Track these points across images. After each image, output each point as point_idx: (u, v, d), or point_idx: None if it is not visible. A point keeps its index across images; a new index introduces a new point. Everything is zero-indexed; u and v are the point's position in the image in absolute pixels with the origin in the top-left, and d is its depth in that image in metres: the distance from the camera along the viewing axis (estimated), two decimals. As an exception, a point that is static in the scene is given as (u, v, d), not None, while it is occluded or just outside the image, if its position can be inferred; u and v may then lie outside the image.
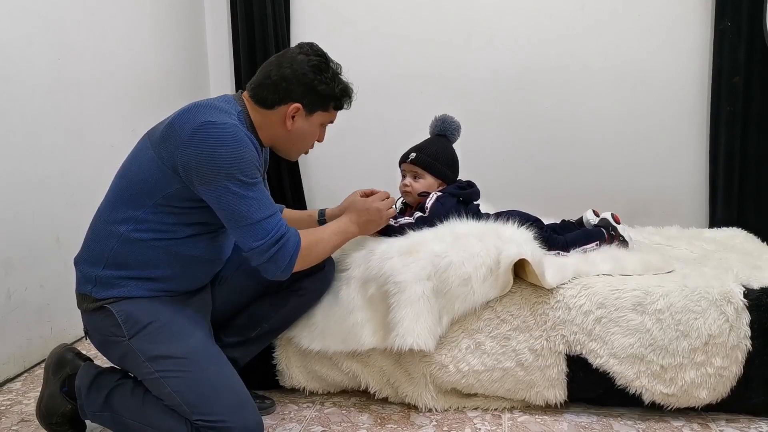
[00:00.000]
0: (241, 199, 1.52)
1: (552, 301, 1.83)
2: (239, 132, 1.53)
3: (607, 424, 1.81)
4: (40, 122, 2.35)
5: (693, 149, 3.47)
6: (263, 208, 1.56)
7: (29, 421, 1.90)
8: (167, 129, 1.55)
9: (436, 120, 2.17)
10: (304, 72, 1.64)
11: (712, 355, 1.75)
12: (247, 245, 1.56)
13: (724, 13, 3.27)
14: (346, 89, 1.73)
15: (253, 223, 1.54)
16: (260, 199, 1.56)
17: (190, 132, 1.50)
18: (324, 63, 1.68)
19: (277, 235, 1.56)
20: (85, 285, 1.61)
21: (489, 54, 3.55)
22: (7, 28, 2.20)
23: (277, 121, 1.68)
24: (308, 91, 1.66)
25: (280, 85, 1.65)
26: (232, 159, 1.49)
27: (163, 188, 1.55)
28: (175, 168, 1.53)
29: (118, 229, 1.58)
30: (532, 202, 2.45)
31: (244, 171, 1.52)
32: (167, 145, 1.53)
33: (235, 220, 1.54)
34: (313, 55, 1.67)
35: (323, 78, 1.66)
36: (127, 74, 2.92)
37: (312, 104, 1.68)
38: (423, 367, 1.87)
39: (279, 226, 1.58)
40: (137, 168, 1.59)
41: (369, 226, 1.85)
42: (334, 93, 1.70)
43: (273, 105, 1.66)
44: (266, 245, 1.55)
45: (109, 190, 1.66)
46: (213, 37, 3.79)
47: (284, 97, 1.65)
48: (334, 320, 1.87)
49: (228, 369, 1.61)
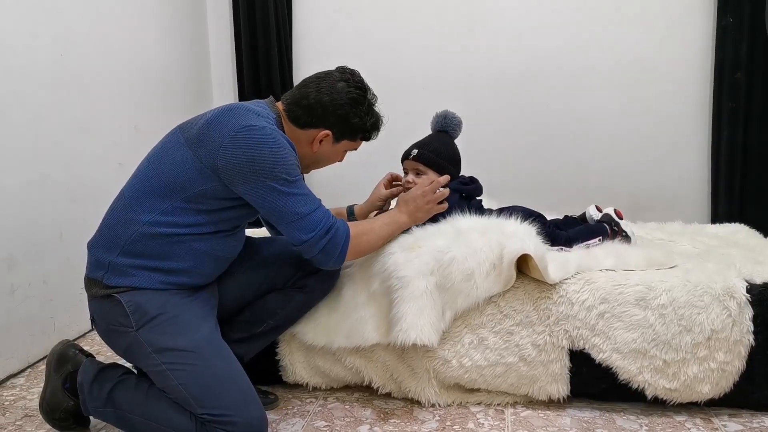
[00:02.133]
0: (287, 197, 1.57)
1: (555, 296, 1.83)
2: (278, 134, 1.58)
3: (609, 419, 1.81)
4: (44, 118, 2.35)
5: (695, 145, 3.48)
6: (309, 202, 1.61)
7: (33, 416, 1.90)
8: (205, 129, 1.58)
9: (438, 116, 2.16)
10: (341, 102, 1.69)
11: (715, 350, 1.76)
12: (298, 239, 1.60)
13: (726, 9, 3.28)
14: (377, 123, 1.79)
15: (301, 217, 1.59)
16: (305, 194, 1.61)
17: (232, 134, 1.54)
18: (362, 96, 1.73)
19: (326, 226, 1.61)
20: (96, 270, 1.61)
21: (492, 50, 3.55)
22: (10, 23, 2.20)
23: (305, 140, 1.72)
24: (341, 121, 1.71)
25: (316, 110, 1.69)
26: (275, 160, 1.54)
27: (197, 185, 1.57)
28: (215, 168, 1.55)
29: (141, 218, 1.58)
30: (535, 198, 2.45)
31: (288, 170, 1.57)
32: (206, 146, 1.56)
33: (284, 216, 1.59)
34: (353, 86, 1.72)
35: (358, 111, 1.72)
36: (131, 70, 2.92)
37: (341, 133, 1.74)
38: (426, 362, 1.87)
39: (326, 218, 1.63)
40: (170, 162, 1.60)
41: (418, 213, 1.88)
42: (366, 127, 1.76)
43: (305, 126, 1.71)
44: (317, 237, 1.60)
45: (134, 176, 1.67)
46: (215, 33, 3.79)
47: (317, 121, 1.70)
48: (337, 316, 1.88)
49: (234, 364, 1.61)
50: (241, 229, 1.75)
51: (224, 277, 1.81)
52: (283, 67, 3.67)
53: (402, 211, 1.86)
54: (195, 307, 1.64)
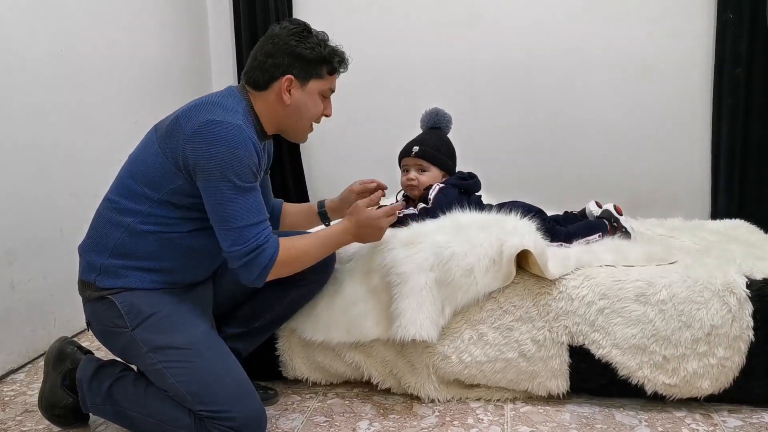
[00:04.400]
0: (229, 202, 1.52)
1: (555, 291, 1.83)
2: (242, 133, 1.52)
3: (609, 414, 1.81)
4: (43, 113, 2.35)
5: (695, 141, 3.47)
6: (250, 214, 1.54)
7: (33, 411, 1.90)
8: (173, 124, 1.56)
9: (428, 113, 2.17)
10: (285, 42, 1.63)
11: (715, 345, 1.76)
12: (225, 247, 1.56)
13: (727, 5, 3.27)
14: (335, 50, 1.69)
15: (235, 227, 1.53)
16: (249, 204, 1.54)
17: (194, 129, 1.51)
18: (305, 30, 1.66)
19: (255, 244, 1.55)
20: (89, 273, 1.61)
21: (492, 45, 3.54)
22: (10, 20, 2.20)
23: (274, 100, 1.66)
24: (295, 59, 1.63)
25: (266, 62, 1.63)
26: (228, 159, 1.49)
27: (168, 183, 1.56)
28: (178, 164, 1.53)
29: (125, 219, 1.58)
30: (535, 193, 2.45)
31: (239, 173, 1.51)
32: (171, 141, 1.54)
33: (221, 220, 1.54)
34: (292, 25, 1.66)
35: (307, 44, 1.64)
36: (131, 66, 2.91)
37: (303, 72, 1.65)
38: (425, 357, 1.87)
39: (259, 236, 1.56)
40: (144, 161, 1.59)
41: (366, 238, 1.81)
42: (323, 55, 1.66)
43: (266, 85, 1.65)
44: (242, 252, 1.54)
45: (116, 179, 1.66)
46: (215, 29, 3.78)
47: (273, 72, 1.63)
48: (337, 311, 1.88)
49: (231, 359, 1.61)
50: None
51: (219, 273, 1.80)
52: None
53: (350, 232, 1.75)
54: (189, 305, 1.64)
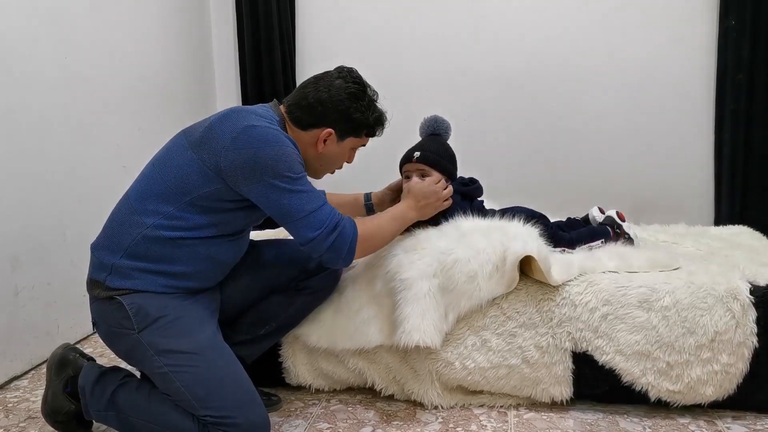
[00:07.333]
0: (291, 194, 1.56)
1: (558, 298, 1.83)
2: (280, 133, 1.58)
3: (613, 421, 1.81)
4: (47, 119, 2.36)
5: (698, 147, 3.47)
6: (313, 199, 1.59)
7: (36, 418, 1.90)
8: (208, 132, 1.59)
9: (428, 120, 2.18)
10: (340, 99, 1.68)
11: (719, 352, 1.75)
12: (304, 237, 1.59)
13: (729, 11, 3.28)
14: (380, 118, 1.77)
15: (307, 214, 1.57)
16: (309, 191, 1.60)
17: (233, 135, 1.54)
18: (361, 91, 1.71)
19: (333, 223, 1.60)
20: (99, 272, 1.61)
21: (495, 53, 3.55)
22: (14, 25, 2.21)
23: (309, 142, 1.70)
24: (342, 117, 1.69)
25: (316, 108, 1.68)
26: (276, 158, 1.54)
27: (201, 188, 1.57)
28: (218, 170, 1.55)
29: (144, 220, 1.59)
30: (538, 200, 2.45)
31: (290, 167, 1.56)
32: (209, 148, 1.56)
33: (288, 214, 1.57)
34: (351, 81, 1.70)
35: (359, 106, 1.70)
36: (134, 72, 2.93)
37: (345, 130, 1.72)
38: (429, 364, 1.87)
39: (332, 215, 1.61)
40: (174, 165, 1.60)
41: (427, 209, 1.88)
42: (368, 121, 1.73)
43: (307, 127, 1.70)
44: (324, 234, 1.58)
45: (139, 179, 1.67)
46: (218, 35, 3.80)
47: (318, 121, 1.69)
48: (341, 317, 1.88)
49: (236, 366, 1.61)
50: (244, 235, 1.75)
51: (226, 279, 1.81)
52: (286, 70, 3.68)
53: (411, 207, 1.84)
54: (197, 310, 1.65)
